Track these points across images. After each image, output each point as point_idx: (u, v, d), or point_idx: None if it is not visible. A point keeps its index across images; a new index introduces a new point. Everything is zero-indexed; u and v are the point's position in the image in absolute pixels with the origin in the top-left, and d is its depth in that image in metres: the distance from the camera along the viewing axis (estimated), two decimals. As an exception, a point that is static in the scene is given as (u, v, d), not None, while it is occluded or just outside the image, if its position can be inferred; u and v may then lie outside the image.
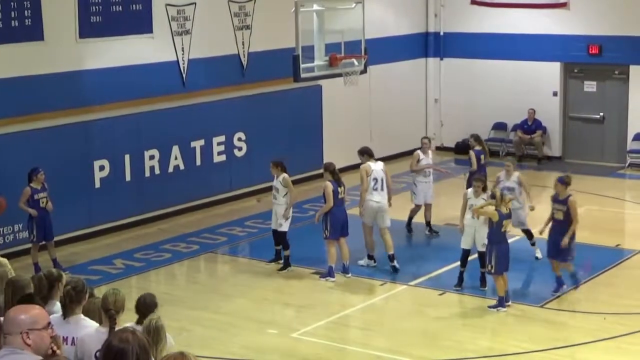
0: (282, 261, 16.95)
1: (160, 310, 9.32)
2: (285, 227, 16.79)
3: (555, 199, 15.35)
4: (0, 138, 17.19)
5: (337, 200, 16.19)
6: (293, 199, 16.84)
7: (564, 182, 15.19)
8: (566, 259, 15.22)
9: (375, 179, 16.71)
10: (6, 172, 16.97)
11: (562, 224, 15.08)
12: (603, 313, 14.50)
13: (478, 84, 26.31)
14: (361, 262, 16.90)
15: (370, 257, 16.94)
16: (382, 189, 16.72)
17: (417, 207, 18.78)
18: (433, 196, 18.80)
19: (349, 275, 16.29)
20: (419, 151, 18.69)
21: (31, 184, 16.38)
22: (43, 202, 16.42)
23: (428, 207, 18.75)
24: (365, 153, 17.11)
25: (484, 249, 15.31)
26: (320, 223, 16.34)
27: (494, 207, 14.62)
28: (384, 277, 16.43)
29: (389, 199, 16.84)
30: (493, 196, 14.76)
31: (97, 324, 8.09)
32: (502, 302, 14.61)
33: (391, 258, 16.62)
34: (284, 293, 15.78)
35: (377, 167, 16.82)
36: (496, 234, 14.51)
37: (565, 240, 14.95)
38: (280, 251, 17.04)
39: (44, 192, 16.46)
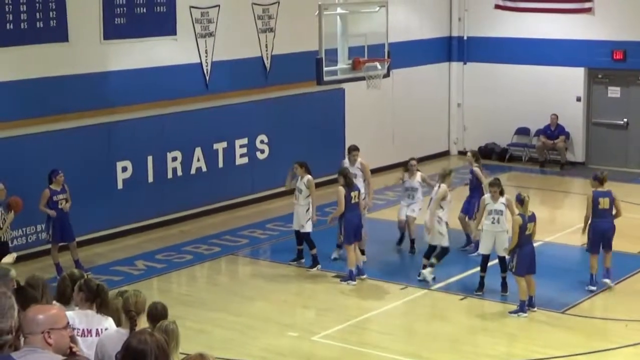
0: (303, 260, 17.13)
1: (181, 312, 9.38)
2: (308, 228, 16.89)
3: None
4: (24, 138, 17.30)
5: (350, 205, 16.17)
6: (315, 201, 16.90)
7: (597, 177, 16.33)
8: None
9: None
10: (31, 172, 17.04)
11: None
12: (625, 320, 14.44)
13: (501, 89, 26.24)
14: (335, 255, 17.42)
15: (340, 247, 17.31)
16: None
17: (401, 221, 18.08)
18: (417, 211, 17.83)
19: (365, 276, 16.29)
20: (405, 172, 17.85)
21: (51, 186, 16.46)
22: (62, 203, 16.50)
23: (411, 220, 17.88)
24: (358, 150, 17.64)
25: (504, 254, 15.32)
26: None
27: (516, 215, 14.61)
28: (405, 281, 16.42)
29: None
30: (522, 202, 14.65)
31: (113, 324, 8.18)
32: (522, 307, 14.57)
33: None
34: (304, 296, 15.79)
35: None
36: (520, 237, 14.48)
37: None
38: (302, 251, 17.15)
39: (63, 194, 16.53)
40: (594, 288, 15.69)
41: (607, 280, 15.86)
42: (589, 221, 15.92)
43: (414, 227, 17.88)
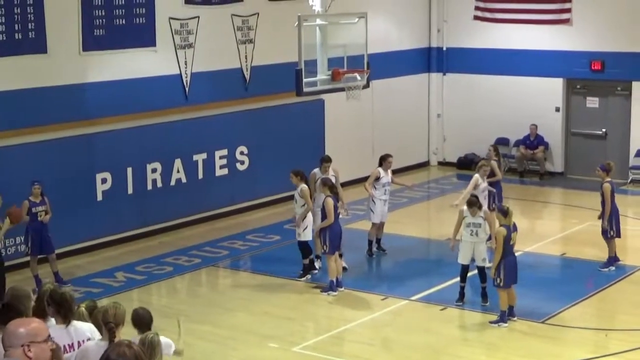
0: (316, 271, 17.21)
1: (161, 323, 9.35)
2: (304, 237, 16.86)
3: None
4: (3, 150, 17.23)
5: (335, 215, 16.18)
6: (307, 210, 16.80)
7: (604, 168, 17.31)
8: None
9: None
10: (10, 183, 16.95)
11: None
12: (604, 329, 14.49)
13: (480, 100, 26.35)
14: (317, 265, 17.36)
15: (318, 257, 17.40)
16: None
17: (374, 226, 18.39)
18: (387, 214, 18.49)
19: (342, 289, 16.29)
20: (379, 169, 18.19)
21: (30, 197, 16.39)
22: (41, 215, 16.43)
23: (382, 225, 18.47)
24: None
25: (483, 264, 15.36)
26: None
27: (500, 227, 14.62)
28: (386, 291, 16.43)
29: None
30: (505, 213, 14.65)
31: (96, 330, 8.15)
32: (503, 317, 14.59)
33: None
34: (285, 307, 15.76)
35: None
36: (504, 248, 14.49)
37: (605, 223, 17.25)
38: (313, 261, 17.23)
39: (42, 206, 16.47)
40: (613, 268, 17.28)
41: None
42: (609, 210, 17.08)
43: (382, 229, 18.54)
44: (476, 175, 17.70)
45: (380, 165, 18.20)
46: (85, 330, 8.26)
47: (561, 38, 25.04)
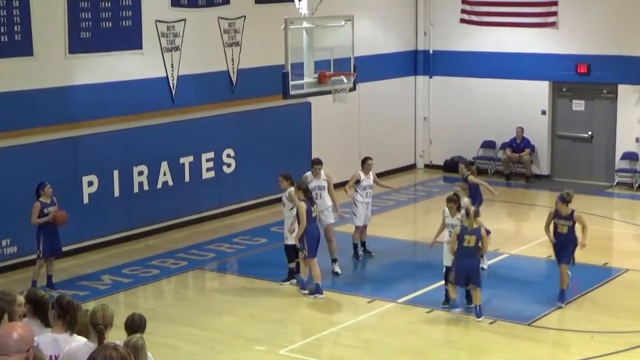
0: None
1: (148, 326, 9.33)
2: (291, 240, 16.75)
3: (559, 216, 15.80)
4: (-12, 153, 17.19)
5: (310, 219, 16.14)
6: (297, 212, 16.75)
7: (565, 200, 15.70)
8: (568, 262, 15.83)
9: None
10: (-6, 187, 16.95)
11: (566, 236, 15.77)
12: (590, 332, 14.52)
13: (467, 102, 26.39)
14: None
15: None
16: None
17: (357, 229, 18.44)
18: (370, 217, 18.58)
19: (322, 296, 16.28)
20: (359, 171, 18.25)
21: (40, 199, 16.30)
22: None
23: (364, 228, 18.51)
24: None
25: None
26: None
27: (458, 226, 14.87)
28: (372, 294, 16.44)
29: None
30: (467, 214, 14.84)
31: (85, 339, 8.11)
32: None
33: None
34: (272, 310, 15.76)
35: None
36: (458, 248, 14.82)
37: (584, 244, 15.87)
38: (299, 265, 17.12)
39: (52, 206, 16.39)
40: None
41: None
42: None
43: (365, 232, 18.57)
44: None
45: (361, 168, 18.25)
46: (73, 344, 8.20)
47: (547, 41, 25.11)
